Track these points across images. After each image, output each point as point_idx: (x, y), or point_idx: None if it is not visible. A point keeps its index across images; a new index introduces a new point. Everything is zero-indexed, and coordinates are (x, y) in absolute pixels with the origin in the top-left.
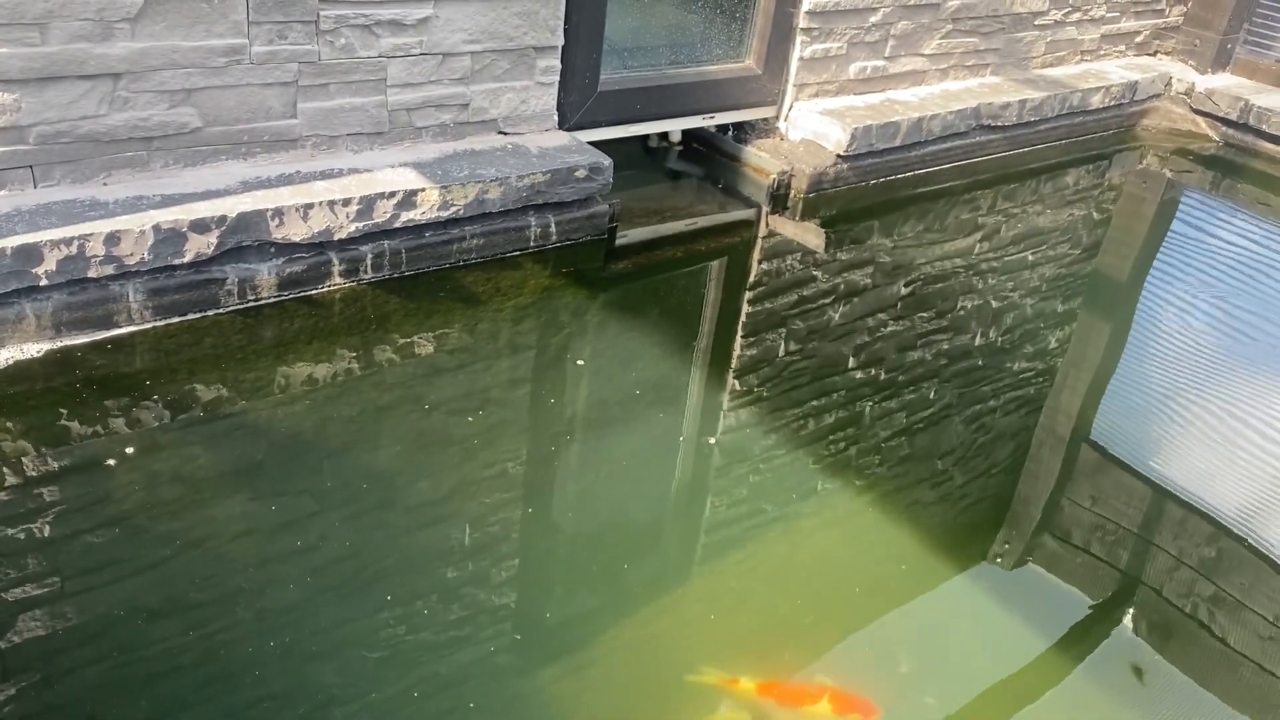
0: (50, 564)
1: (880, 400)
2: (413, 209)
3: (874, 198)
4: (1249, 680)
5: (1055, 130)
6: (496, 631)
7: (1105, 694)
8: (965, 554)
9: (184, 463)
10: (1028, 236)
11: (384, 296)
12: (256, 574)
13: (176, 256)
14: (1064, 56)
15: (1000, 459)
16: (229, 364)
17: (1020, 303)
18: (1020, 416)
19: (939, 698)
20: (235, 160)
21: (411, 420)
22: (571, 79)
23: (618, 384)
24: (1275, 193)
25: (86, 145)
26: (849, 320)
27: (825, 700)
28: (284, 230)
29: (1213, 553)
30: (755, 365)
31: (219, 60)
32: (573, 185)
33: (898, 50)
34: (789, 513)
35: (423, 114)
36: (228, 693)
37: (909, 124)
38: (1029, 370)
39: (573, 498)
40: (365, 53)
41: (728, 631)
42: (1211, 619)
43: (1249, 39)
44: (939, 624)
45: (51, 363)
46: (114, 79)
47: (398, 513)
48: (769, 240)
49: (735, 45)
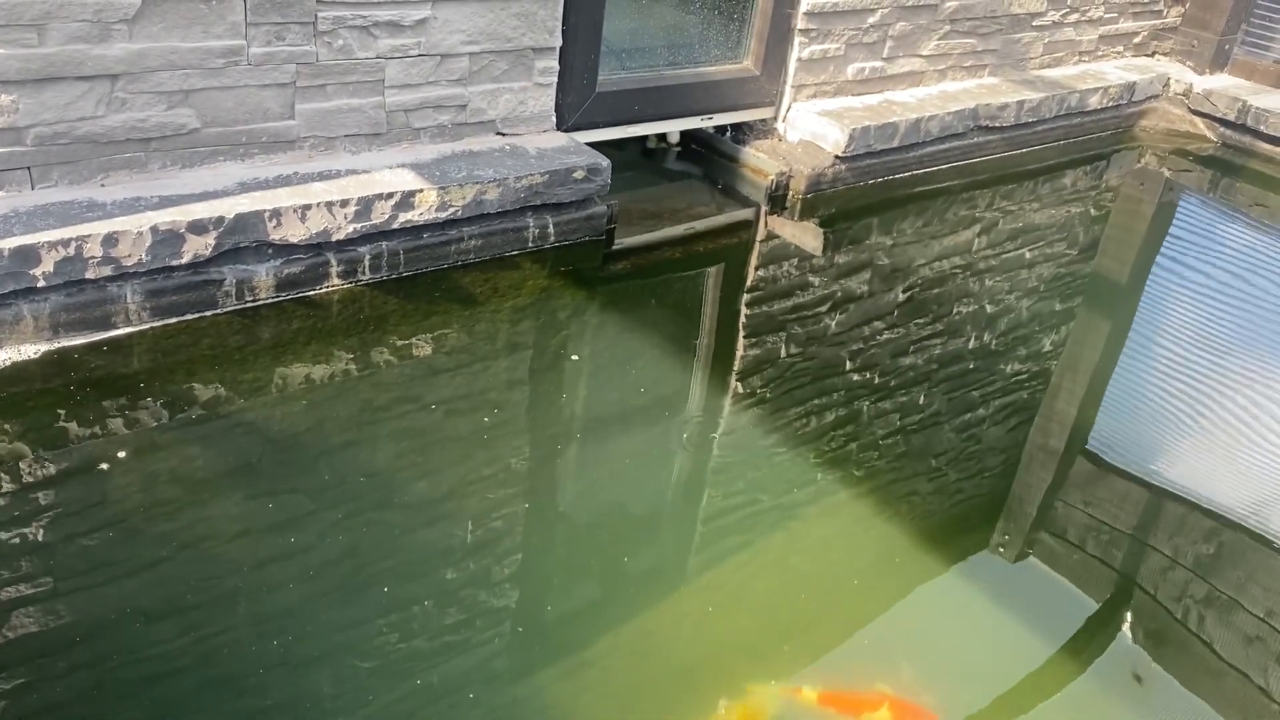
0: (47, 565)
1: (878, 400)
2: (411, 210)
3: (872, 198)
4: (1244, 680)
5: (1053, 131)
6: (496, 632)
7: (1104, 691)
8: (964, 551)
9: (182, 464)
10: (1026, 237)
11: (382, 297)
12: (254, 574)
13: (174, 258)
14: (1062, 57)
15: (997, 458)
16: (227, 365)
17: (1018, 304)
18: (1017, 416)
19: (938, 695)
20: (233, 161)
21: (410, 421)
22: (569, 80)
23: (616, 384)
24: (1273, 193)
25: (84, 146)
26: (847, 322)
27: (885, 708)
28: (282, 231)
29: (1210, 550)
30: (753, 366)
31: (217, 61)
32: (571, 186)
33: (896, 51)
34: (787, 513)
35: (421, 115)
36: (226, 695)
37: (907, 125)
38: (1026, 371)
39: (571, 498)
40: (363, 54)
41: (728, 631)
42: (1207, 618)
43: (1247, 39)
44: (938, 621)
45: (49, 364)
46: (112, 80)
47: (396, 513)
48: (767, 241)
49: (733, 46)
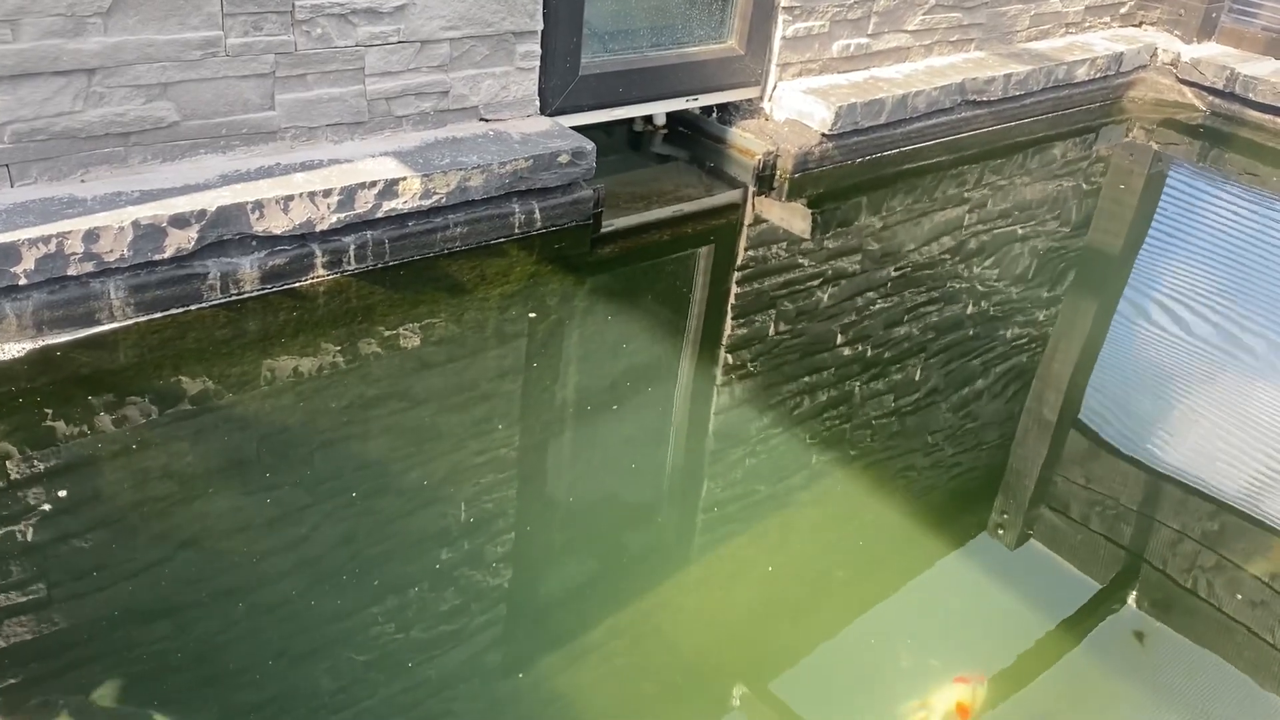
0: (38, 563)
1: (871, 379)
2: (394, 198)
3: (860, 176)
4: (1248, 651)
5: (1041, 104)
6: (494, 620)
7: (1105, 666)
8: (962, 528)
9: (172, 459)
10: (1015, 211)
11: (368, 287)
12: (249, 568)
13: (157, 252)
14: (1048, 30)
15: (993, 433)
16: (214, 359)
17: (1009, 279)
18: (1011, 391)
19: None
20: (214, 154)
21: (401, 412)
22: (552, 64)
23: (607, 369)
24: (1263, 161)
25: (63, 142)
26: (837, 300)
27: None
28: (265, 223)
29: (1213, 526)
30: (744, 346)
31: (194, 53)
32: (556, 171)
33: (881, 27)
34: (784, 494)
35: (402, 102)
36: (220, 690)
37: (893, 101)
38: (1019, 345)
39: (567, 484)
40: (342, 42)
41: (727, 614)
42: (1210, 590)
43: (1234, 7)
44: (939, 599)
45: (33, 362)
46: (88, 74)
47: (391, 504)
48: (755, 222)
49: (717, 26)
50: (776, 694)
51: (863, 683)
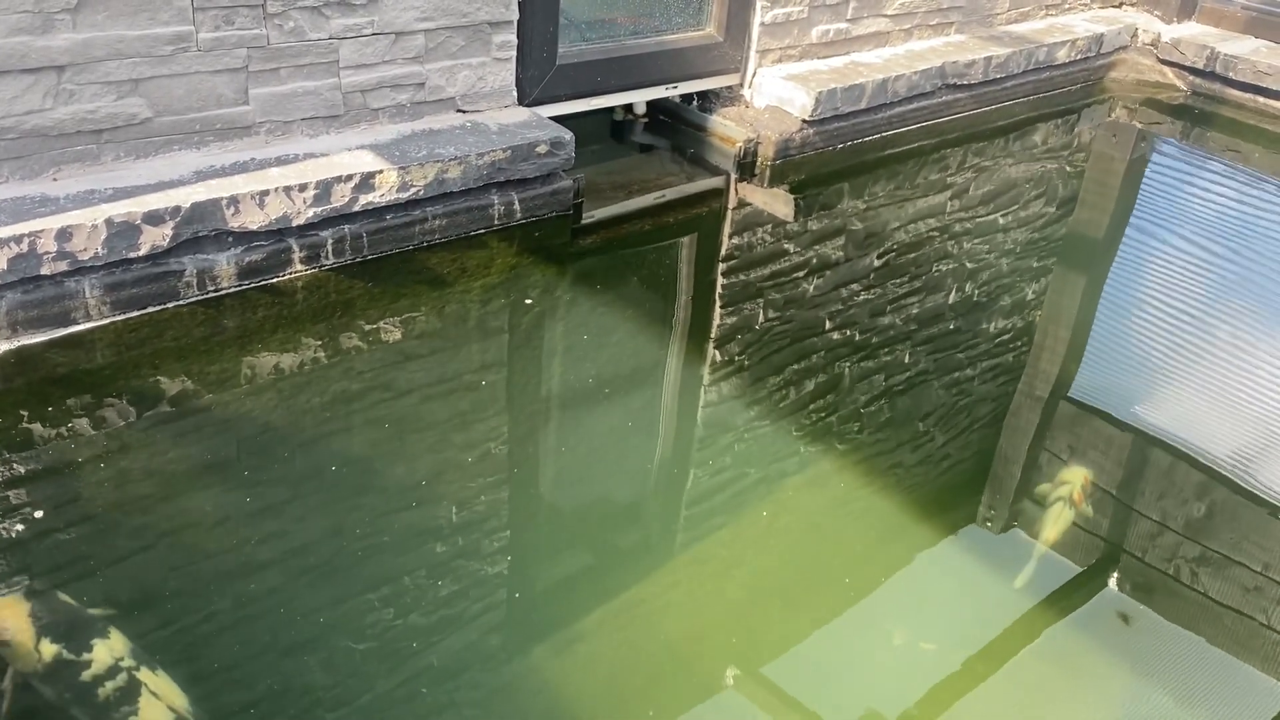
0: (23, 563)
1: (858, 364)
2: (371, 191)
3: (842, 162)
4: (1235, 635)
5: (1022, 87)
6: (483, 612)
7: (1094, 645)
8: (951, 512)
9: (153, 458)
10: (999, 194)
11: (347, 282)
12: (234, 565)
13: (132, 250)
14: (1028, 12)
15: (983, 415)
16: (192, 356)
17: (993, 261)
18: (999, 375)
19: (930, 655)
20: (188, 150)
21: (383, 406)
22: (529, 53)
23: (591, 359)
24: (1245, 139)
25: (33, 140)
26: (822, 286)
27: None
28: (241, 218)
29: (1199, 509)
30: (729, 334)
31: (165, 49)
32: (534, 161)
33: (860, 12)
34: (773, 482)
35: (378, 95)
36: (216, 687)
37: (874, 86)
38: (1006, 329)
39: (554, 476)
40: (315, 35)
41: (717, 602)
42: (1195, 575)
43: None
44: (928, 583)
45: (9, 364)
46: (58, 71)
47: (377, 499)
48: (738, 209)
49: (695, 13)
50: (768, 677)
51: (854, 667)
